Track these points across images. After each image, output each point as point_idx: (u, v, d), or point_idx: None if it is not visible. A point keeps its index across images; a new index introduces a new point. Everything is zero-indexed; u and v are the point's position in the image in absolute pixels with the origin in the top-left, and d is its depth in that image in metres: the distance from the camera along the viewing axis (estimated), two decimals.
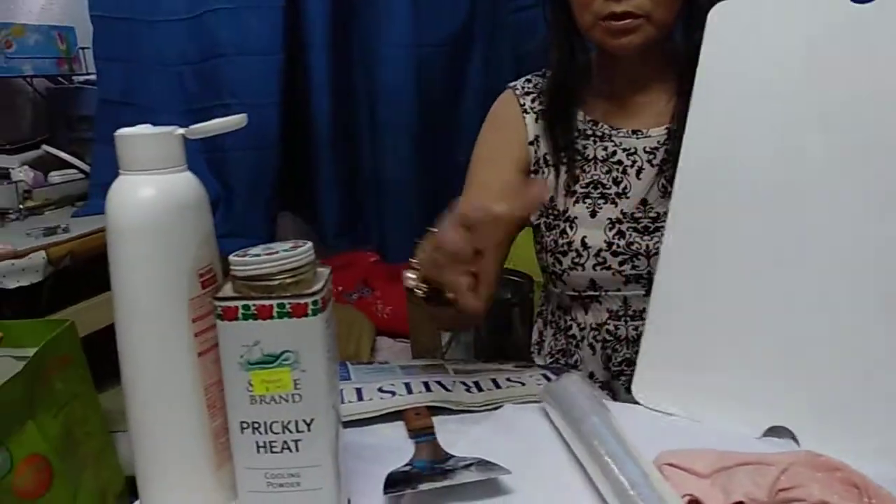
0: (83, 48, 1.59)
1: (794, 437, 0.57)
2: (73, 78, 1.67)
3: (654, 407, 0.63)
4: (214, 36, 1.29)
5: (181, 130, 0.46)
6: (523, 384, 0.71)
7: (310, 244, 0.46)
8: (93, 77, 1.54)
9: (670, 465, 0.52)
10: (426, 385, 0.69)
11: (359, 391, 0.67)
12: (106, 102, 1.36)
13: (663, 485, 0.48)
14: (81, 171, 1.48)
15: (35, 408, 0.87)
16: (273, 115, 1.28)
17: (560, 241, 0.83)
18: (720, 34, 0.64)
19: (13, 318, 1.01)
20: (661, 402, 0.62)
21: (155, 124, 0.47)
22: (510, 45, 1.34)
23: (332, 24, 1.27)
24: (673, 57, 0.81)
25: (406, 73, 1.28)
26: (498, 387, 0.71)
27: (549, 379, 0.71)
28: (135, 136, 0.45)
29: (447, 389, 0.68)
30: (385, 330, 1.62)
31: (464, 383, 0.71)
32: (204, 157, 1.33)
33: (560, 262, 0.83)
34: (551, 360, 0.91)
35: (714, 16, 0.65)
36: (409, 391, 0.67)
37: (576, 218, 0.83)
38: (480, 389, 0.69)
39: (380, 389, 0.68)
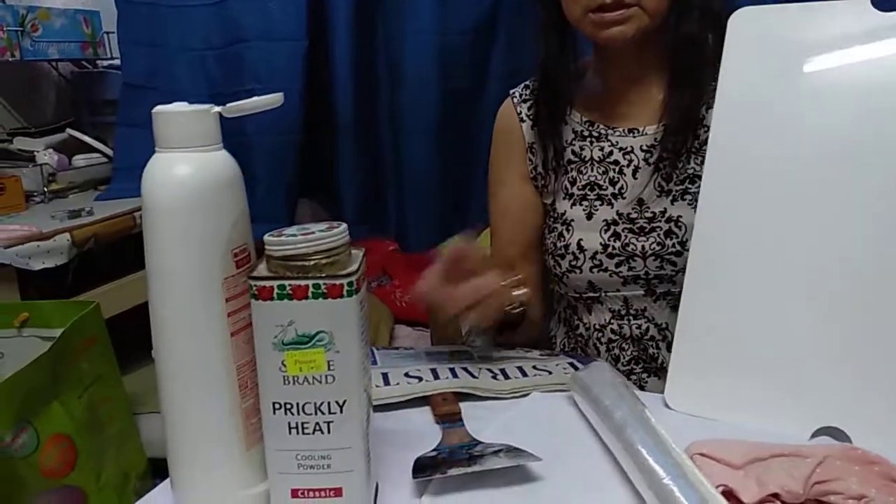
0: (108, 32, 1.60)
1: (847, 438, 0.55)
2: (98, 62, 1.67)
3: (690, 413, 0.61)
4: (238, 21, 1.29)
5: (217, 108, 0.46)
6: (550, 372, 0.71)
7: (345, 225, 0.46)
8: (117, 61, 1.54)
9: (702, 454, 0.51)
10: (452, 371, 0.68)
11: (385, 376, 0.67)
12: (130, 87, 1.36)
13: (697, 474, 0.47)
14: (105, 154, 1.48)
15: (60, 388, 0.88)
16: (296, 101, 1.27)
17: (558, 244, 0.83)
18: (741, 39, 0.64)
19: (39, 299, 1.02)
20: (697, 407, 0.61)
21: None
22: (534, 33, 1.32)
23: (355, 10, 1.26)
24: (668, 49, 0.78)
25: (429, 60, 1.27)
26: (525, 374, 0.70)
27: (575, 368, 0.71)
28: (172, 114, 0.45)
29: (474, 376, 0.68)
30: (403, 318, 1.62)
31: (490, 370, 0.70)
32: (226, 142, 1.33)
33: (559, 265, 0.83)
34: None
35: (735, 21, 0.65)
36: (436, 377, 0.67)
37: (572, 221, 0.82)
38: (507, 377, 0.69)
39: (406, 374, 0.67)
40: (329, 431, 0.45)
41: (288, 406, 0.45)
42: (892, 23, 0.59)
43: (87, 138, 1.49)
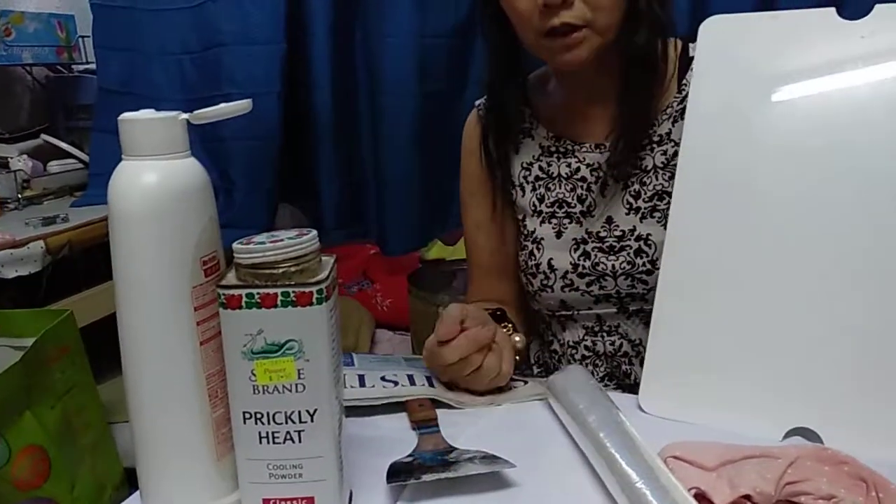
0: (83, 36, 1.58)
1: (819, 439, 0.55)
2: (73, 67, 1.65)
3: (664, 416, 0.61)
4: (215, 25, 1.28)
5: (185, 115, 0.45)
6: (525, 382, 0.70)
7: (314, 232, 0.45)
8: (92, 66, 1.53)
9: (675, 457, 0.51)
10: (429, 380, 0.68)
11: (361, 378, 0.67)
12: (105, 91, 1.35)
13: (670, 477, 0.47)
14: (80, 160, 1.47)
15: (33, 398, 0.87)
16: (274, 106, 1.26)
17: (529, 263, 0.82)
18: (712, 48, 0.65)
19: (12, 308, 1.00)
20: (671, 411, 0.61)
21: None
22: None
23: (334, 13, 1.26)
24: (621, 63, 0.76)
25: (408, 63, 1.27)
26: (500, 389, 0.70)
27: None
28: (138, 121, 0.44)
29: (449, 388, 0.67)
30: (384, 322, 1.62)
31: None
32: (203, 147, 1.32)
33: (532, 284, 0.82)
34: (539, 370, 0.90)
35: (706, 29, 0.66)
36: (413, 383, 0.67)
37: (542, 239, 0.81)
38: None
39: (383, 378, 0.67)
40: (300, 440, 0.45)
41: (258, 415, 0.45)
42: (858, 31, 0.60)
43: (62, 144, 1.47)
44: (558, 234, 0.80)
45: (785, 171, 0.60)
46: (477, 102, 0.88)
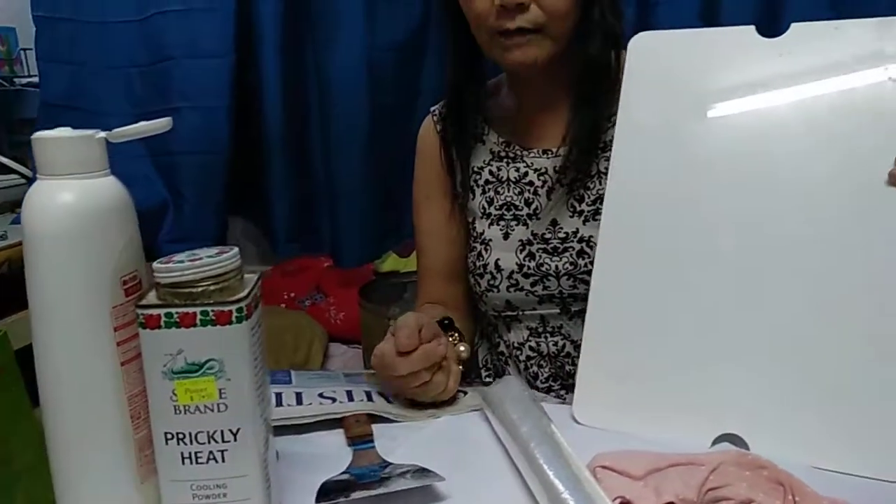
0: (25, 49, 1.55)
1: (745, 445, 0.56)
2: (15, 80, 1.62)
3: (598, 426, 0.61)
4: (163, 38, 1.26)
5: (102, 134, 0.45)
6: (465, 393, 0.71)
7: (236, 250, 0.45)
8: (35, 79, 1.49)
9: (604, 467, 0.52)
10: (368, 395, 0.68)
11: (299, 395, 0.66)
12: (49, 105, 1.32)
13: (595, 488, 0.48)
14: (23, 175, 1.43)
15: None
16: (223, 119, 1.25)
17: (477, 263, 0.83)
18: (640, 64, 0.67)
19: None
20: (604, 421, 0.61)
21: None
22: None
23: (283, 26, 1.26)
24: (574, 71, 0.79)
25: (359, 75, 1.27)
26: None
27: None
28: (52, 140, 0.44)
29: (388, 401, 0.68)
30: (338, 336, 1.61)
31: None
32: (152, 161, 1.30)
33: (479, 284, 0.84)
34: (486, 373, 0.91)
35: (635, 45, 0.68)
36: (350, 399, 0.67)
37: (490, 240, 0.83)
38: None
39: (321, 395, 0.67)
40: (224, 460, 0.45)
41: (180, 436, 0.44)
42: (777, 49, 0.62)
43: (3, 159, 1.43)
44: (505, 236, 0.82)
45: (711, 183, 0.62)
46: (432, 108, 0.90)
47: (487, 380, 0.90)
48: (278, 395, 0.66)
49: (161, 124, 0.46)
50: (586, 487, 0.48)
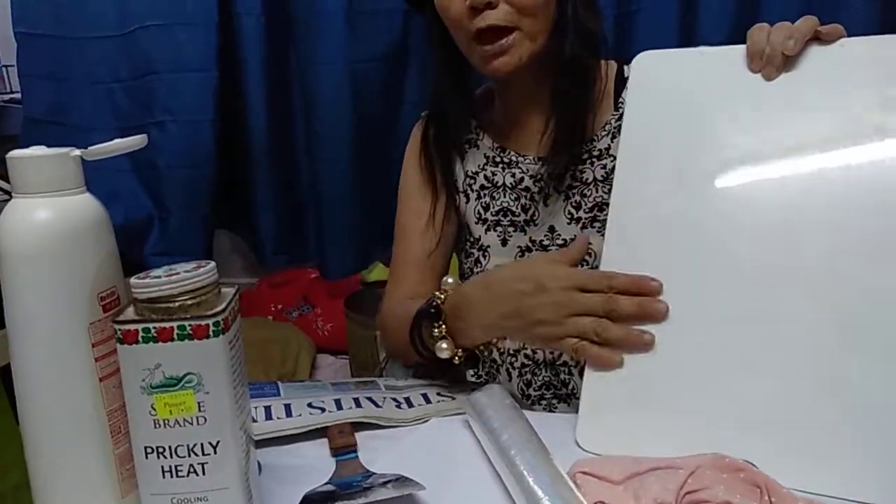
0: (6, 66, 1.55)
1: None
2: None
3: (602, 452, 0.59)
4: (147, 53, 1.26)
5: (77, 151, 0.45)
6: (453, 398, 0.71)
7: (212, 264, 0.45)
8: (18, 95, 1.49)
9: (584, 472, 0.52)
10: (356, 401, 0.68)
11: (287, 407, 0.67)
12: (32, 121, 1.32)
13: (575, 493, 0.49)
14: (7, 192, 1.42)
15: None
16: (208, 132, 1.25)
17: (475, 270, 0.83)
18: (643, 82, 0.66)
19: None
20: (608, 448, 0.59)
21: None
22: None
23: (267, 40, 1.26)
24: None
25: (342, 87, 1.28)
26: (428, 401, 0.71)
27: None
28: (27, 158, 0.44)
29: (377, 406, 0.68)
30: (326, 347, 1.60)
31: (395, 399, 0.71)
32: (137, 175, 1.30)
33: None
34: (475, 378, 0.90)
35: (637, 64, 0.67)
36: (339, 407, 0.67)
37: (488, 247, 0.83)
38: (411, 405, 0.70)
39: (309, 405, 0.67)
40: (204, 473, 0.45)
41: (160, 450, 0.45)
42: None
43: None
44: (503, 242, 0.82)
45: (716, 203, 0.60)
46: (424, 113, 0.90)
47: (472, 380, 0.90)
48: (267, 409, 0.66)
49: (136, 141, 0.46)
50: (565, 493, 0.48)
